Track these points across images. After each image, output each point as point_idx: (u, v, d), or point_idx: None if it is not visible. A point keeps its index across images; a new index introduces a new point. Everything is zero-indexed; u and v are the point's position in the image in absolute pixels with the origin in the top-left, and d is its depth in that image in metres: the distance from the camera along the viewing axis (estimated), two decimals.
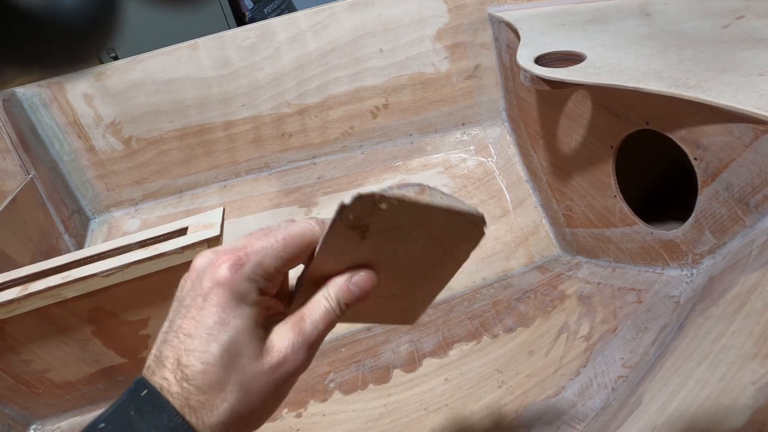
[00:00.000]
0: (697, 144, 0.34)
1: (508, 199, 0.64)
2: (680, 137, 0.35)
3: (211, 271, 0.19)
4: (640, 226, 0.43)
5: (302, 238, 0.20)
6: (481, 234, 0.22)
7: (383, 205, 0.19)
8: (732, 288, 0.26)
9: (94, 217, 0.80)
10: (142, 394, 0.18)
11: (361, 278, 0.21)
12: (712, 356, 0.19)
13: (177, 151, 0.76)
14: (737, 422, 0.14)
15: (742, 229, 0.32)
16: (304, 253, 0.20)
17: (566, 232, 0.57)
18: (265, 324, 0.20)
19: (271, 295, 0.20)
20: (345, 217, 0.19)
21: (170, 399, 0.18)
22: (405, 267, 0.22)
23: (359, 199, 0.18)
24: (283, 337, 0.19)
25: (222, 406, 0.18)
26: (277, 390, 0.19)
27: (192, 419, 0.18)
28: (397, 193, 0.19)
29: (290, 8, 1.53)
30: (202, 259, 0.19)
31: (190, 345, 0.18)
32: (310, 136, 0.74)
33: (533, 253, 0.60)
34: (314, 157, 0.76)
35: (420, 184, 0.21)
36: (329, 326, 0.20)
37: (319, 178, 0.75)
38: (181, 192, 0.80)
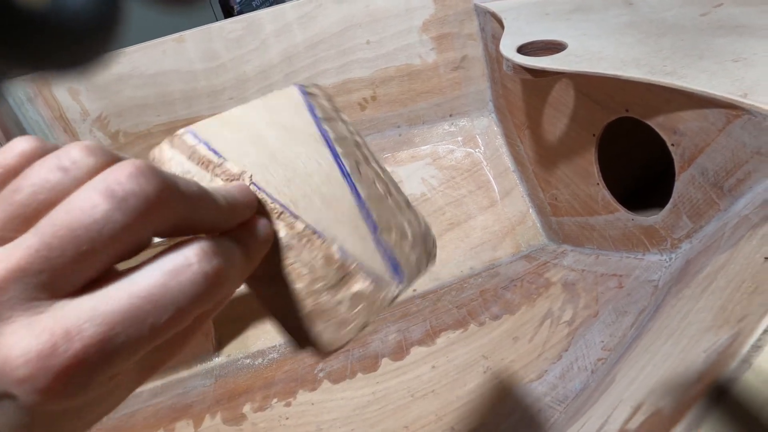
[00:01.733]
0: (674, 130, 0.34)
1: (496, 190, 0.65)
2: (658, 124, 0.36)
3: None
4: (622, 213, 0.44)
5: None
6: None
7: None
8: (704, 269, 0.27)
9: None
10: None
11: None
12: (678, 332, 0.20)
13: None
14: (689, 389, 0.14)
15: (717, 213, 0.32)
16: None
17: (552, 221, 0.58)
18: None
19: None
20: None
21: None
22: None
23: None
24: None
25: None
26: None
27: None
28: None
29: (278, 2, 1.52)
30: None
31: None
32: None
33: (520, 242, 0.61)
34: None
35: None
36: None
37: None
38: None
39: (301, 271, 0.16)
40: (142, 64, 0.70)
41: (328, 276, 0.16)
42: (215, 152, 0.17)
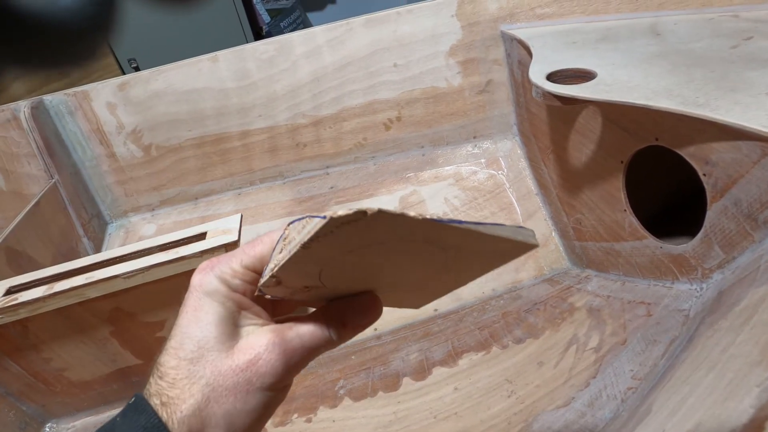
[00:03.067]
0: (706, 160, 0.35)
1: (518, 212, 0.65)
2: (689, 153, 0.36)
3: (191, 279, 0.20)
4: (650, 240, 0.44)
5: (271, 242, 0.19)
6: (524, 249, 0.18)
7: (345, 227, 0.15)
8: (741, 301, 0.27)
9: (112, 222, 0.82)
10: (132, 400, 0.19)
11: (362, 307, 0.20)
12: (720, 365, 0.20)
13: (194, 159, 0.78)
14: (743, 419, 0.14)
15: (751, 245, 0.32)
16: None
17: (576, 246, 0.58)
18: (244, 324, 0.20)
19: (246, 293, 0.20)
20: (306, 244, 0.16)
21: (150, 400, 0.18)
22: (404, 272, 0.20)
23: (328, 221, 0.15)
24: (259, 337, 0.19)
25: (189, 401, 0.18)
26: (248, 395, 0.18)
27: (163, 415, 0.18)
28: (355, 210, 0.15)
29: (305, 23, 1.57)
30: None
31: (168, 345, 0.19)
32: (324, 147, 0.76)
33: (543, 265, 0.61)
34: (327, 167, 0.77)
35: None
36: (317, 347, 0.20)
37: (332, 187, 0.76)
38: (196, 199, 0.81)
39: None
40: (176, 82, 0.73)
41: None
42: None
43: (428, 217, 0.15)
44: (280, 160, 0.78)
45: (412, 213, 0.15)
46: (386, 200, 0.72)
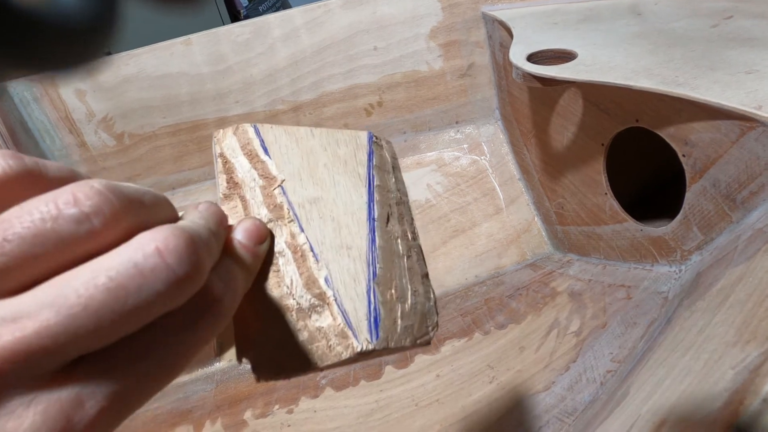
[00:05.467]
0: (686, 141, 0.34)
1: (501, 197, 0.64)
2: (669, 134, 0.36)
3: None
4: (630, 224, 0.44)
5: None
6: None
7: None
8: (718, 281, 0.26)
9: None
10: None
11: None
12: (696, 346, 0.19)
13: (169, 147, 0.76)
14: (717, 404, 0.14)
15: (729, 225, 0.32)
16: None
17: (558, 230, 0.58)
18: None
19: None
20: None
21: None
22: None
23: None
24: None
25: None
26: None
27: None
28: None
29: (285, 6, 1.53)
30: None
31: None
32: None
33: (525, 250, 0.60)
34: None
35: None
36: None
37: None
38: (173, 189, 0.79)
39: (280, 280, 0.16)
40: (148, 66, 0.70)
41: (303, 297, 0.16)
42: (265, 151, 0.18)
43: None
44: None
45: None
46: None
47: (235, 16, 1.30)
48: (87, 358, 0.10)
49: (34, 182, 0.12)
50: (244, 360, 0.16)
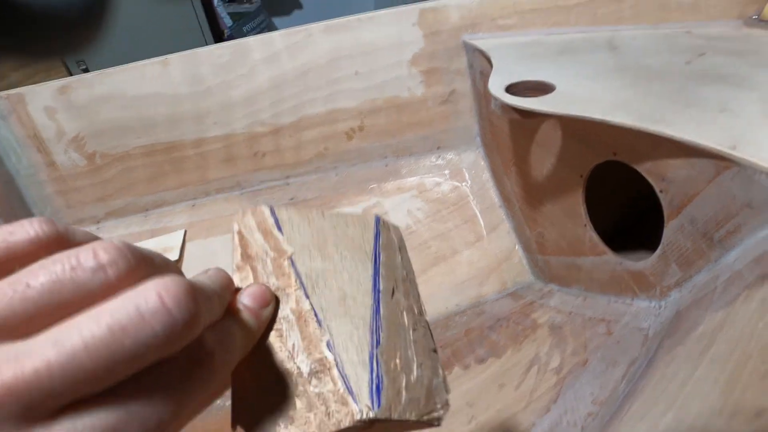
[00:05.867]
0: (663, 177, 0.34)
1: (482, 224, 0.64)
2: (646, 169, 0.36)
3: None
4: (610, 256, 0.43)
5: None
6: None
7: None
8: (698, 326, 0.26)
9: None
10: None
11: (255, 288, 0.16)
12: (678, 404, 0.18)
13: (143, 168, 0.74)
14: None
15: (707, 264, 0.32)
16: None
17: (539, 259, 0.57)
18: None
19: None
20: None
21: None
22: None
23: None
24: None
25: None
26: None
27: None
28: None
29: (270, 28, 1.54)
30: None
31: None
32: (283, 156, 0.73)
33: (506, 279, 0.59)
34: (288, 177, 0.74)
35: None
36: None
37: (292, 198, 0.73)
38: (147, 210, 0.76)
39: (283, 345, 0.16)
40: (124, 86, 0.69)
41: (304, 362, 0.16)
42: (279, 228, 0.19)
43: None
44: (238, 169, 0.74)
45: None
46: (349, 212, 0.69)
47: (218, 36, 1.29)
48: (83, 401, 0.11)
49: (62, 245, 0.13)
50: (238, 428, 0.16)
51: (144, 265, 0.12)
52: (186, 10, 1.16)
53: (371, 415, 0.15)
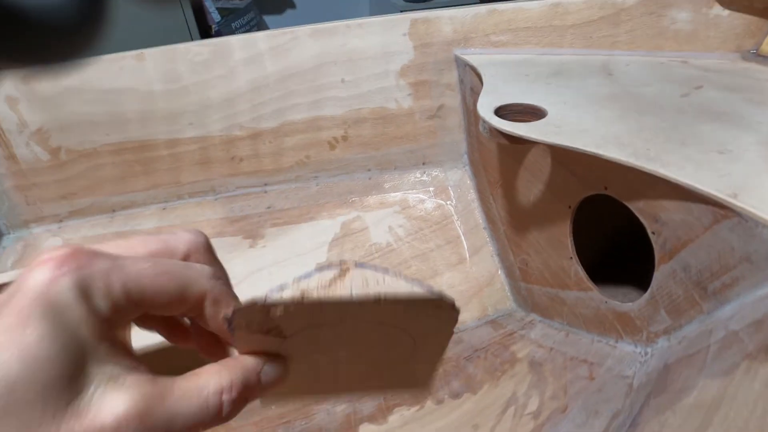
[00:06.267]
0: (656, 218, 0.32)
1: (465, 246, 0.61)
2: (638, 208, 0.34)
3: (25, 276, 0.12)
4: (595, 293, 0.41)
5: (188, 284, 0.15)
6: (452, 318, 0.17)
7: (278, 311, 0.14)
8: (690, 390, 0.23)
9: (9, 233, 0.71)
10: None
11: (272, 371, 0.16)
12: None
13: (112, 166, 0.69)
14: None
15: (699, 315, 0.30)
16: (188, 302, 0.15)
17: (521, 287, 0.55)
18: (95, 369, 0.12)
19: (112, 324, 0.13)
20: (238, 325, 0.15)
21: None
22: (366, 357, 0.17)
23: (249, 306, 0.14)
24: (115, 400, 0.12)
25: None
26: None
27: None
28: (291, 294, 0.14)
29: (261, 26, 1.50)
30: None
31: None
32: (262, 162, 0.69)
33: (487, 305, 0.57)
34: (265, 184, 0.71)
35: (341, 265, 0.16)
36: (199, 423, 0.13)
37: (269, 207, 0.70)
38: (113, 211, 0.72)
39: None
40: (94, 79, 0.64)
41: None
42: None
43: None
44: (213, 173, 0.70)
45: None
46: (327, 225, 0.66)
47: (206, 32, 1.25)
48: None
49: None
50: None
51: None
52: (172, 3, 1.11)
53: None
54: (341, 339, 0.16)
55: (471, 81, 0.57)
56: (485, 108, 0.40)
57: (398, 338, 0.17)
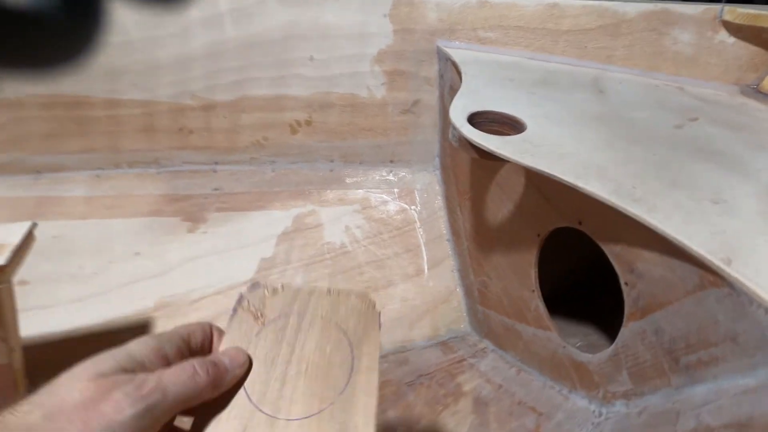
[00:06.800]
0: (631, 267, 0.28)
1: (425, 257, 0.56)
2: (613, 252, 0.29)
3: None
4: (554, 335, 0.37)
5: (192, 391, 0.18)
6: (374, 316, 0.24)
7: (277, 290, 0.23)
8: None
9: None
10: None
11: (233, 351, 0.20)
12: None
13: (40, 121, 0.61)
14: None
15: (666, 387, 0.26)
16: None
17: (479, 310, 0.50)
18: None
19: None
20: (244, 304, 0.22)
21: None
22: (315, 363, 0.21)
23: (256, 286, 0.23)
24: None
25: None
26: None
27: None
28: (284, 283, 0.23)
29: None
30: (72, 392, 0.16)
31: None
32: (214, 138, 0.62)
33: (440, 325, 0.53)
34: (216, 163, 0.64)
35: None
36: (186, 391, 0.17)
37: (216, 189, 0.63)
38: (38, 172, 0.63)
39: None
40: None
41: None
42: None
43: None
44: (158, 144, 0.63)
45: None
46: (278, 216, 0.60)
47: None
48: None
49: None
50: None
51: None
52: None
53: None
54: (300, 334, 0.21)
55: (451, 78, 0.51)
56: (458, 112, 0.35)
57: (339, 340, 0.21)
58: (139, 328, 0.51)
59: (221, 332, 0.21)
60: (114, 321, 0.51)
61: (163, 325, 0.52)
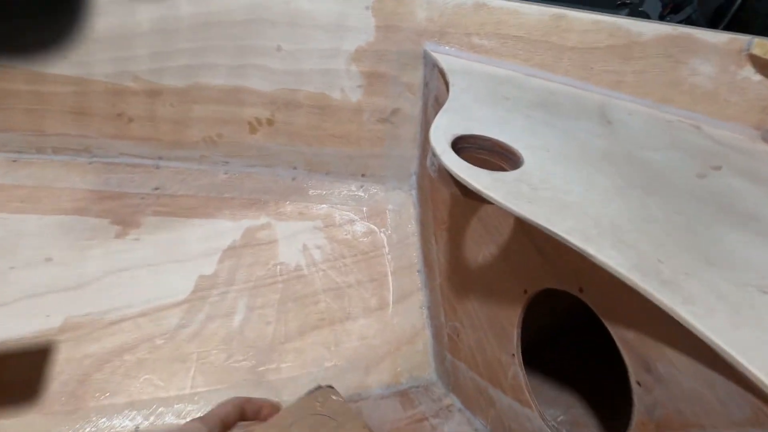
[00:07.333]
0: (648, 366, 0.21)
1: (391, 289, 0.49)
2: (624, 340, 0.23)
3: None
4: (534, 415, 0.30)
5: None
6: (336, 399, 0.29)
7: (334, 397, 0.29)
8: None
9: None
10: None
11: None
12: None
13: None
14: None
15: None
16: None
17: (447, 358, 0.44)
18: None
19: None
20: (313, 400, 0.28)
21: None
22: None
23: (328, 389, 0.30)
24: None
25: None
26: None
27: None
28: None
29: None
30: None
31: None
32: (158, 129, 0.53)
33: (401, 370, 0.46)
34: (159, 158, 0.55)
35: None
36: None
37: (156, 188, 0.54)
38: None
39: None
40: None
41: None
42: None
43: None
44: (91, 129, 0.53)
45: None
46: (226, 227, 0.51)
47: None
48: None
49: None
50: None
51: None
52: None
53: None
54: None
55: (437, 87, 0.44)
56: (440, 134, 0.28)
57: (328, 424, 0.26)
58: (33, 354, 0.42)
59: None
60: (4, 343, 0.42)
61: (67, 352, 0.42)
